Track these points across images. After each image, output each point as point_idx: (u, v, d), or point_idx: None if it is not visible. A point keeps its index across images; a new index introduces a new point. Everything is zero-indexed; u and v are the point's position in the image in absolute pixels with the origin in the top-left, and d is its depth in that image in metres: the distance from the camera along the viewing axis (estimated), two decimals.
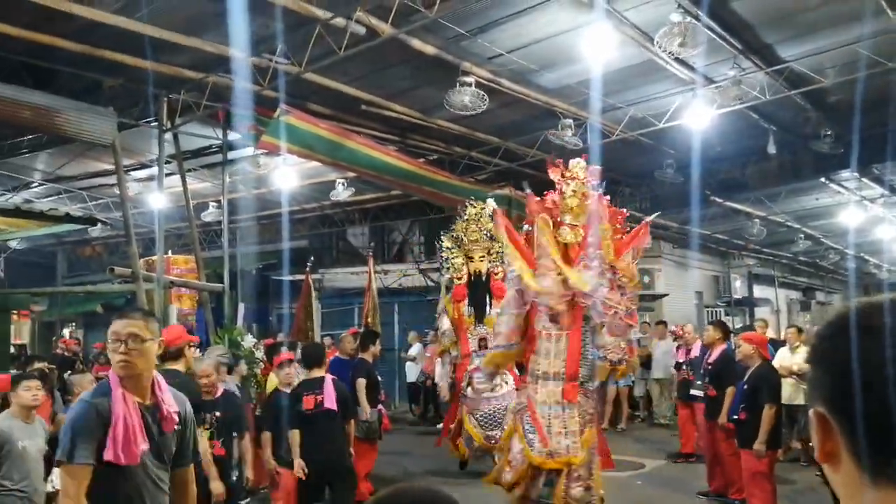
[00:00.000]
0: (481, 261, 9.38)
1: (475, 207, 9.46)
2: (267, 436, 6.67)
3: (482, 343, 9.04)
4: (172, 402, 3.35)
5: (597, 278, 5.88)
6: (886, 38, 8.93)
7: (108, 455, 3.06)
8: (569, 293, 6.00)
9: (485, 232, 9.34)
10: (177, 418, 3.34)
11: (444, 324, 9.55)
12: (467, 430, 8.95)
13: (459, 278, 9.43)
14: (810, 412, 1.03)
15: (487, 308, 9.22)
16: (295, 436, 6.44)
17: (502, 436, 7.33)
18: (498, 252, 9.05)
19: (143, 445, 3.15)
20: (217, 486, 5.63)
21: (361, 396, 8.30)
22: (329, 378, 6.67)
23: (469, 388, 8.81)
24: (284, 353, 7.50)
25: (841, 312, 1.02)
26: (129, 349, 3.19)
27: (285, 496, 6.65)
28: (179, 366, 5.38)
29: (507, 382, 8.86)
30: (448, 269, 9.59)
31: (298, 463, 6.38)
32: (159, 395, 3.29)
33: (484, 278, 9.38)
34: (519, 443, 6.23)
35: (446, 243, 9.58)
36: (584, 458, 6.02)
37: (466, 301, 9.33)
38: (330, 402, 6.47)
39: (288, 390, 6.80)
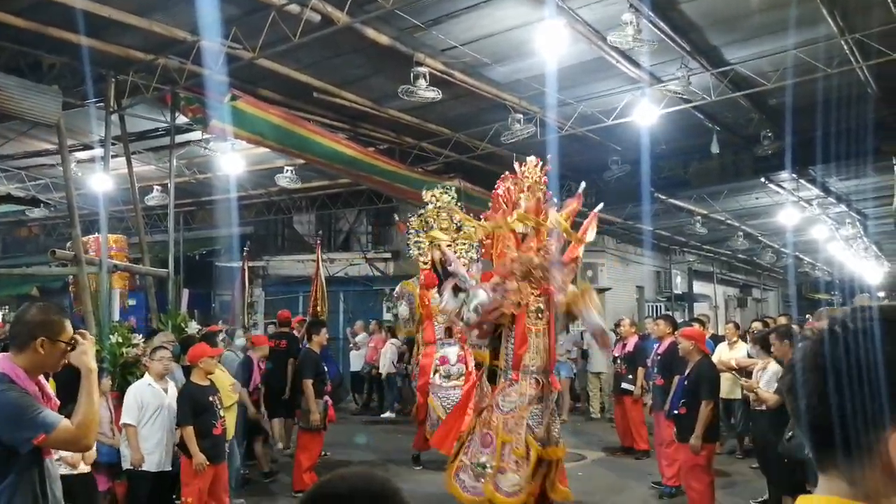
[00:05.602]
0: (448, 248, 9.40)
1: (448, 195, 9.49)
2: (189, 430, 6.34)
3: (448, 331, 9.08)
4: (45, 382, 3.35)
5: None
6: (824, 46, 9.25)
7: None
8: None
9: (455, 222, 9.37)
10: (56, 399, 3.34)
11: (403, 310, 9.53)
12: (432, 406, 8.92)
13: (426, 263, 9.45)
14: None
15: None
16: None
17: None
18: (463, 242, 9.16)
19: None
20: None
21: (310, 399, 8.32)
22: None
23: (436, 376, 8.82)
24: (206, 348, 7.00)
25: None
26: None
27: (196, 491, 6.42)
28: None
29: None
30: (415, 249, 9.59)
31: None
32: (41, 379, 3.29)
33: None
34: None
35: (414, 225, 9.57)
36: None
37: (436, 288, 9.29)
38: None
39: (204, 383, 6.63)
